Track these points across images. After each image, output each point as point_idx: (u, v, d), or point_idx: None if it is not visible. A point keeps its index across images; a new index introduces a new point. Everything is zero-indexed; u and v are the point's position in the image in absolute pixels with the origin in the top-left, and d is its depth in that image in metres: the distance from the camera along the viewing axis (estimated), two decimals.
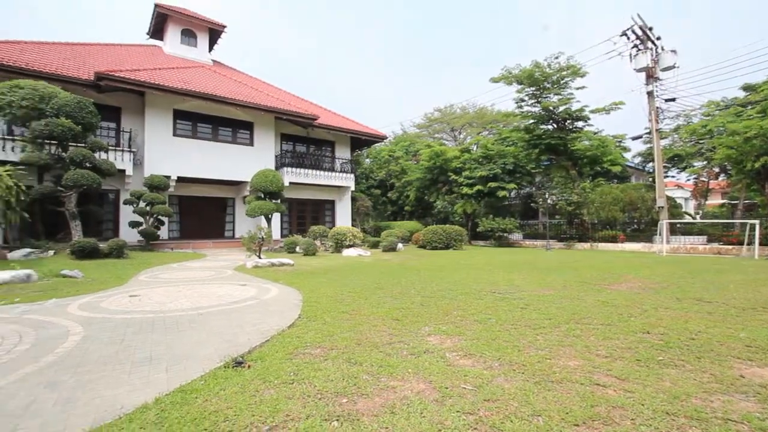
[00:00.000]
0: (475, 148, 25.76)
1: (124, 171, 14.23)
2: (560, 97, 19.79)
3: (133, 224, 13.78)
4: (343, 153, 22.18)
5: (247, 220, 17.46)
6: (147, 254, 12.57)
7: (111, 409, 2.33)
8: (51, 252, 10.93)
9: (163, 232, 15.49)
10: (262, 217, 15.37)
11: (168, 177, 14.83)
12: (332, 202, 21.43)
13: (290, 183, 18.08)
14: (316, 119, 18.60)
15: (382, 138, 23.70)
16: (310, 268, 9.54)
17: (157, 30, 21.39)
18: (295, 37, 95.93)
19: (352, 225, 20.61)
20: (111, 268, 9.20)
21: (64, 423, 2.17)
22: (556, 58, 19.54)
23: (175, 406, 2.33)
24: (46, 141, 11.57)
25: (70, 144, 11.86)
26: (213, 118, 16.89)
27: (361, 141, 23.29)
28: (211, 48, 22.23)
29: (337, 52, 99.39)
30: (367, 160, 30.09)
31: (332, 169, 20.64)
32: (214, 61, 22.31)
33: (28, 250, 10.45)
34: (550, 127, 21.21)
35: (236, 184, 18.22)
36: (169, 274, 8.63)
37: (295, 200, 19.76)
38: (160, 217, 14.04)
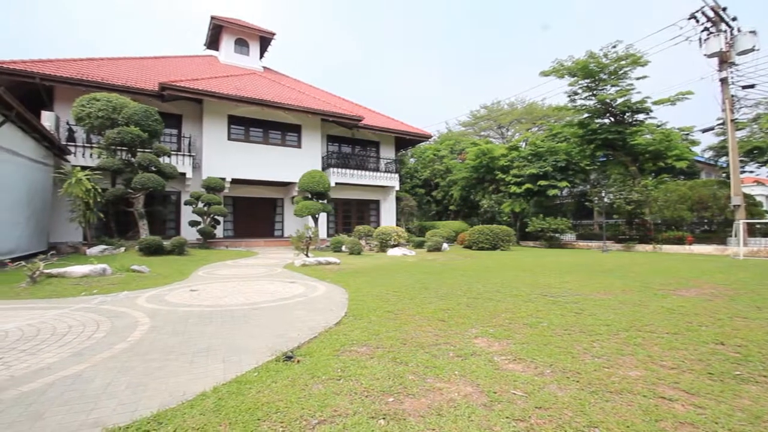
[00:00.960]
0: (523, 145, 24.84)
1: (184, 174, 15.29)
2: (618, 88, 18.53)
3: (193, 223, 14.75)
4: (387, 153, 22.30)
5: (296, 220, 18.07)
6: (204, 251, 13.41)
7: (175, 395, 2.50)
8: (122, 248, 11.97)
9: (219, 231, 16.45)
10: (309, 216, 15.82)
11: (223, 179, 15.73)
12: (377, 202, 21.62)
13: (336, 183, 18.48)
14: (360, 120, 18.87)
15: (426, 137, 23.54)
16: (355, 267, 9.69)
17: (213, 41, 22.74)
18: (338, 40, 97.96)
19: (397, 224, 20.68)
20: (173, 264, 9.90)
21: (136, 405, 2.37)
22: (614, 47, 18.33)
23: (231, 396, 2.45)
24: (118, 147, 12.71)
25: (138, 150, 12.94)
26: (263, 122, 17.69)
27: (405, 141, 23.29)
28: (261, 55, 23.26)
29: (381, 52, 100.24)
30: (412, 159, 30.01)
31: (377, 170, 20.83)
32: (264, 67, 23.33)
33: (104, 246, 11.53)
34: (606, 120, 19.94)
35: (285, 185, 18.93)
36: (225, 270, 9.14)
37: (340, 200, 20.17)
38: (216, 216, 14.92)
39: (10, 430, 2.08)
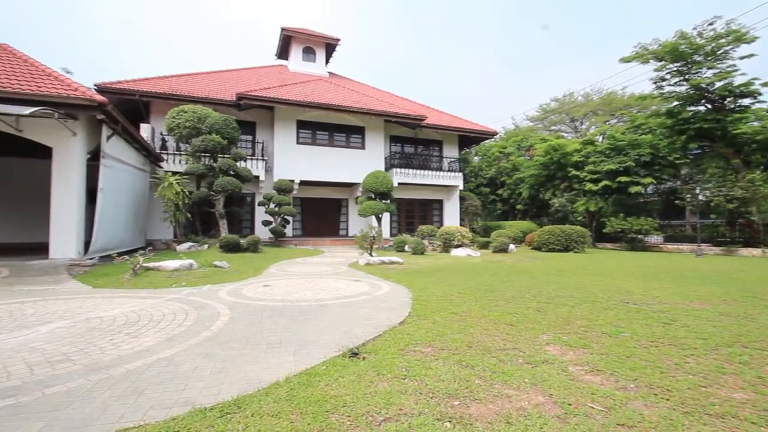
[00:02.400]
0: (600, 139, 22.99)
1: (258, 177, 16.42)
2: (716, 71, 16.34)
3: (265, 223, 15.78)
4: (450, 152, 21.95)
5: (360, 220, 18.52)
6: (276, 249, 14.27)
7: (252, 382, 2.69)
8: (206, 246, 13.17)
9: (289, 230, 17.40)
10: (373, 216, 16.11)
11: (292, 181, 16.61)
12: (440, 202, 21.38)
13: (399, 183, 18.61)
14: (423, 119, 18.79)
15: (491, 134, 22.78)
16: (418, 267, 9.67)
17: (283, 50, 24.13)
18: (398, 38, 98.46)
19: (461, 224, 20.25)
20: (249, 260, 10.67)
21: (219, 388, 2.59)
22: (710, 24, 16.22)
23: (302, 387, 2.58)
24: (202, 154, 14.01)
25: (218, 155, 14.15)
26: (329, 126, 18.38)
27: (469, 139, 22.75)
28: (327, 61, 24.18)
29: (441, 50, 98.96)
30: (476, 157, 29.23)
31: (440, 169, 20.59)
32: (330, 73, 24.23)
33: (190, 243, 12.78)
34: (701, 108, 17.69)
35: (349, 186, 19.48)
36: (294, 267, 9.64)
37: (403, 200, 20.27)
38: (286, 216, 15.81)
39: (119, 402, 2.38)
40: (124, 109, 13.67)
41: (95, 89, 13.83)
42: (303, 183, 17.62)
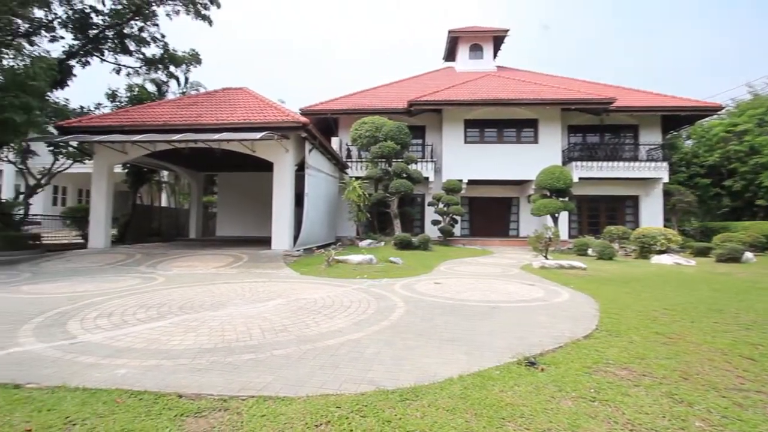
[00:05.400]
0: None
1: (427, 178, 17.18)
2: None
3: (434, 222, 16.37)
4: (649, 137, 18.15)
5: (532, 220, 17.24)
6: (444, 248, 14.61)
7: (427, 374, 2.81)
8: (382, 243, 14.53)
9: (457, 230, 17.57)
10: (548, 216, 14.75)
11: (460, 180, 16.71)
12: (635, 198, 17.95)
13: (579, 178, 16.49)
14: (611, 102, 16.13)
15: (713, 109, 17.80)
16: (606, 275, 8.33)
17: (450, 52, 24.53)
18: (578, 19, 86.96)
19: (665, 225, 16.49)
20: (420, 258, 11.23)
21: (398, 374, 2.80)
22: None
23: (475, 388, 2.54)
24: (378, 159, 15.55)
25: (392, 160, 15.44)
26: (497, 122, 17.74)
27: (677, 119, 18.37)
28: (495, 55, 23.40)
29: (637, 21, 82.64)
30: (688, 142, 23.37)
31: (634, 159, 17.29)
32: (498, 66, 23.38)
33: (370, 240, 14.33)
34: None
35: (520, 184, 18.35)
36: (463, 267, 9.67)
37: (585, 197, 17.86)
38: (454, 216, 16.05)
39: (321, 371, 2.84)
40: (319, 127, 16.34)
41: (300, 113, 17.02)
42: (471, 182, 17.53)
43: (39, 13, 12.76)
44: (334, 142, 17.03)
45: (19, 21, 11.63)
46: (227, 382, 2.65)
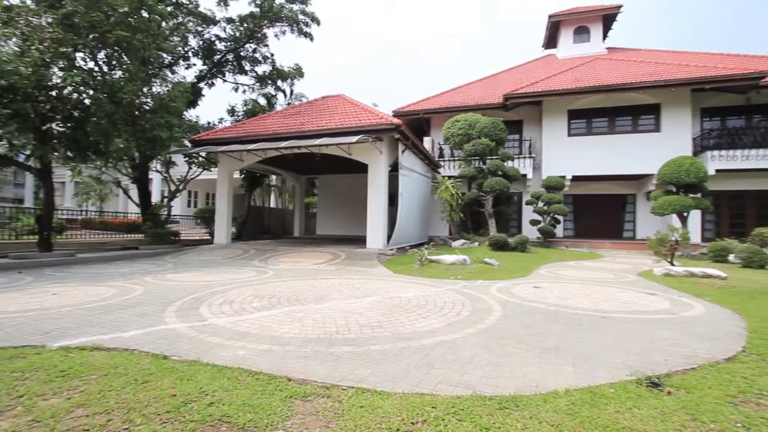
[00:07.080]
0: None
1: (525, 175, 16.15)
2: None
3: (533, 222, 15.30)
4: None
5: (652, 220, 15.06)
6: (544, 250, 13.57)
7: (528, 383, 2.63)
8: (476, 243, 14.07)
9: (559, 230, 16.19)
10: (674, 215, 12.69)
11: (563, 177, 15.36)
12: None
13: (717, 171, 13.89)
14: (763, 77, 13.26)
15: None
16: (757, 286, 6.86)
17: (551, 39, 22.71)
18: None
19: None
20: (517, 259, 10.62)
21: (496, 381, 2.67)
22: None
23: (585, 405, 2.29)
24: (472, 158, 15.09)
25: (487, 158, 14.85)
26: (608, 110, 15.88)
27: None
28: (605, 36, 21.01)
29: None
30: None
31: None
32: (608, 48, 20.94)
33: (463, 240, 13.99)
34: None
35: (637, 179, 16.17)
36: (567, 271, 8.87)
37: (725, 193, 15.01)
38: (556, 215, 14.80)
39: (416, 370, 2.86)
40: (411, 127, 16.49)
41: (392, 114, 17.38)
42: (576, 178, 16.00)
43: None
44: (426, 142, 17.03)
45: (164, 54, 14.05)
46: (329, 371, 2.82)
